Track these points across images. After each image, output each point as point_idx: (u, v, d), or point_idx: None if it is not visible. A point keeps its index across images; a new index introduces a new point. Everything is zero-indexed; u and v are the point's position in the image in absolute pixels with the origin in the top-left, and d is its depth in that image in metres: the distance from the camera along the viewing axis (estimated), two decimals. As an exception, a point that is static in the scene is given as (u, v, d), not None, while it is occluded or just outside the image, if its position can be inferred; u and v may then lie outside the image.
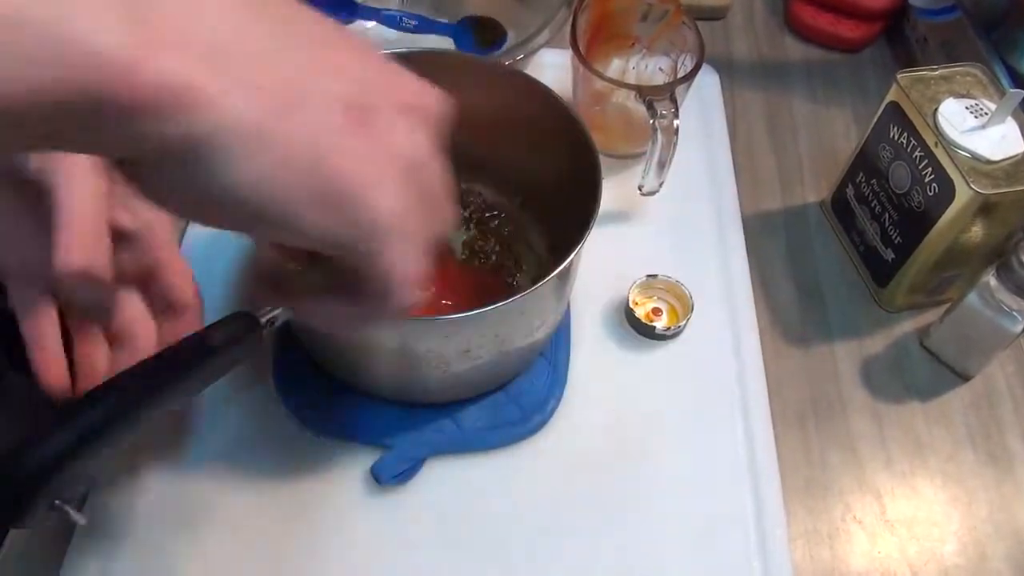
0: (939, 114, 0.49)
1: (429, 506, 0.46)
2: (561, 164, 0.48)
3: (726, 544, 0.46)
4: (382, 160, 0.26)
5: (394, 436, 0.46)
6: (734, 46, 0.71)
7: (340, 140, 0.25)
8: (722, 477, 0.48)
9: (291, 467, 0.46)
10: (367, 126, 0.25)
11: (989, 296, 0.49)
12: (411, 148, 0.27)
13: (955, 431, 0.52)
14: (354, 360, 0.47)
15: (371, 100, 0.26)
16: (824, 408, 0.53)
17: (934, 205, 0.50)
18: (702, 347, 0.53)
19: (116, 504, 0.45)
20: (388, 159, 0.26)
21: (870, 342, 0.56)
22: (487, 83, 0.49)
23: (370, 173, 0.25)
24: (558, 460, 0.48)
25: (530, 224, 0.55)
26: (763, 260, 0.58)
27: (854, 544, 0.48)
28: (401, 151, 0.26)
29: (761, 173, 0.63)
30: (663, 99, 0.52)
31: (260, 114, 0.23)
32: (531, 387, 0.49)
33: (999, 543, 0.48)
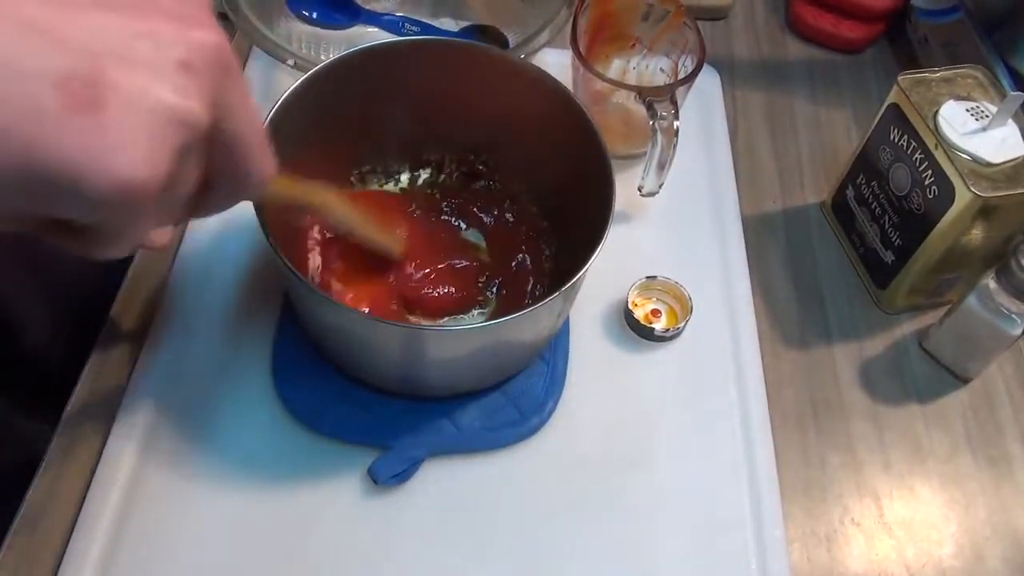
0: (940, 116, 0.49)
1: (426, 507, 0.46)
2: (572, 164, 0.49)
3: (724, 546, 0.46)
4: (114, 132, 0.23)
5: (391, 436, 0.46)
6: (735, 46, 0.71)
7: (46, 122, 0.23)
8: (720, 479, 0.48)
9: (288, 467, 0.46)
10: (92, 104, 0.23)
11: (989, 299, 0.49)
12: (169, 108, 0.24)
13: (954, 434, 0.52)
14: (353, 349, 0.47)
15: (99, 65, 0.23)
16: (823, 410, 0.52)
17: (934, 207, 0.50)
18: (701, 348, 0.53)
19: (112, 507, 0.45)
20: (123, 128, 0.24)
21: (869, 344, 0.55)
22: (504, 76, 0.50)
23: (90, 151, 0.23)
24: (556, 461, 0.48)
25: (540, 218, 0.55)
26: (763, 261, 0.58)
27: (852, 546, 0.48)
28: (155, 110, 0.24)
29: (761, 174, 0.63)
30: (663, 100, 0.52)
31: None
32: (529, 388, 0.49)
33: (997, 545, 0.48)
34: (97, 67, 0.23)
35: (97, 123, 0.23)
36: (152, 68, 0.24)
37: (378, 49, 0.49)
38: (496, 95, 0.51)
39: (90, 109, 0.23)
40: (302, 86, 0.46)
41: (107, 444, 0.46)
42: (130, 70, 0.24)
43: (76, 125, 0.23)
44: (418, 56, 0.50)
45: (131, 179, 0.24)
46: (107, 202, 0.24)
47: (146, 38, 0.25)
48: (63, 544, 0.44)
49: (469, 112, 0.52)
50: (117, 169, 0.24)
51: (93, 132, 0.23)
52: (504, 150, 0.54)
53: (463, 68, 0.50)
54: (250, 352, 0.50)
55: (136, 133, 0.24)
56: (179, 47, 0.25)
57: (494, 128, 0.53)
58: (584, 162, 0.47)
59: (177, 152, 0.25)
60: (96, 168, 0.23)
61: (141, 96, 0.24)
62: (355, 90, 0.49)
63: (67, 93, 0.23)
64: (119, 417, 0.47)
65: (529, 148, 0.52)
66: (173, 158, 0.25)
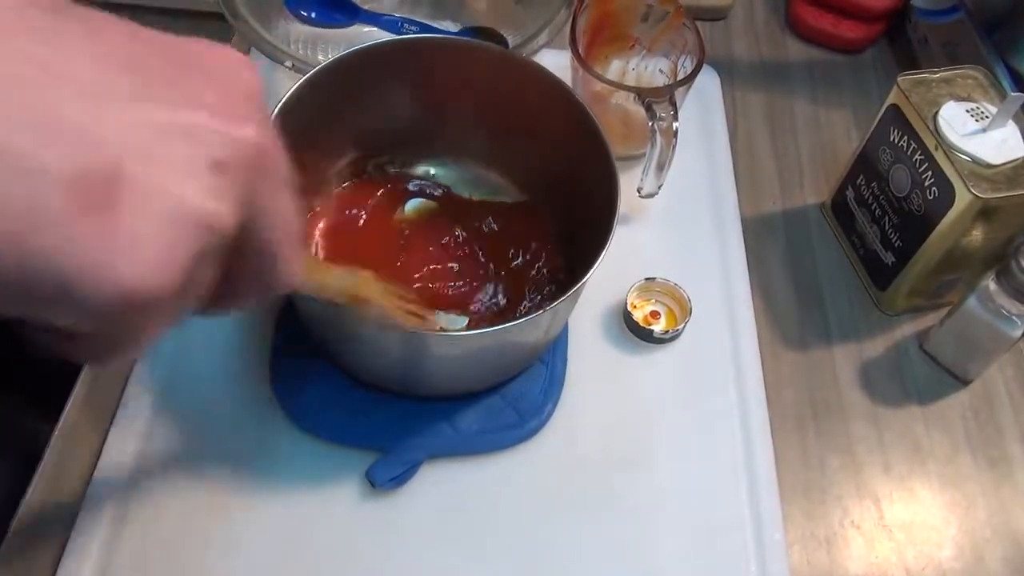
0: (939, 117, 0.49)
1: (425, 510, 0.46)
2: (575, 164, 0.49)
3: (723, 548, 0.46)
4: (123, 235, 0.21)
5: (390, 439, 0.46)
6: (735, 47, 0.71)
7: (47, 223, 0.20)
8: (720, 481, 0.48)
9: (286, 470, 0.46)
10: (103, 205, 0.21)
11: (989, 300, 0.49)
12: (191, 212, 0.22)
13: (954, 435, 0.52)
14: (353, 348, 0.47)
15: (120, 162, 0.21)
16: (823, 411, 0.52)
17: (934, 209, 0.50)
18: (700, 350, 0.53)
19: (111, 507, 0.45)
20: (135, 231, 0.21)
21: (869, 345, 0.55)
22: (508, 74, 0.50)
23: (92, 255, 0.21)
24: (555, 463, 0.48)
25: (545, 217, 0.55)
26: (762, 263, 0.58)
27: (852, 549, 0.48)
28: (174, 212, 0.22)
29: (761, 175, 0.63)
30: (662, 101, 0.52)
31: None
32: (528, 391, 0.49)
33: (997, 547, 0.48)
34: (118, 164, 0.21)
35: (106, 225, 0.21)
36: (181, 166, 0.22)
37: (376, 48, 0.48)
38: (498, 93, 0.51)
39: (101, 210, 0.21)
40: (302, 88, 0.46)
41: (105, 446, 0.46)
42: (155, 168, 0.22)
43: (81, 227, 0.21)
44: (417, 54, 0.50)
45: (136, 287, 0.22)
46: (108, 311, 0.22)
47: (182, 134, 0.23)
48: (61, 546, 0.44)
49: (471, 111, 0.52)
50: (121, 275, 0.21)
51: (99, 235, 0.21)
52: (506, 146, 0.54)
53: (464, 66, 0.50)
54: (248, 355, 0.50)
55: (150, 236, 0.22)
56: (216, 145, 0.23)
57: (497, 126, 0.53)
58: (587, 163, 0.47)
59: (194, 257, 0.23)
60: (97, 274, 0.21)
61: (161, 196, 0.22)
62: (355, 90, 0.49)
63: (79, 193, 0.21)
64: (117, 419, 0.47)
65: (531, 146, 0.52)
66: (190, 263, 0.23)
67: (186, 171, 0.22)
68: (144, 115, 0.22)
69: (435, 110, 0.53)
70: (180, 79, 0.23)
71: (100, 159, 0.21)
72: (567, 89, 0.48)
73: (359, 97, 0.50)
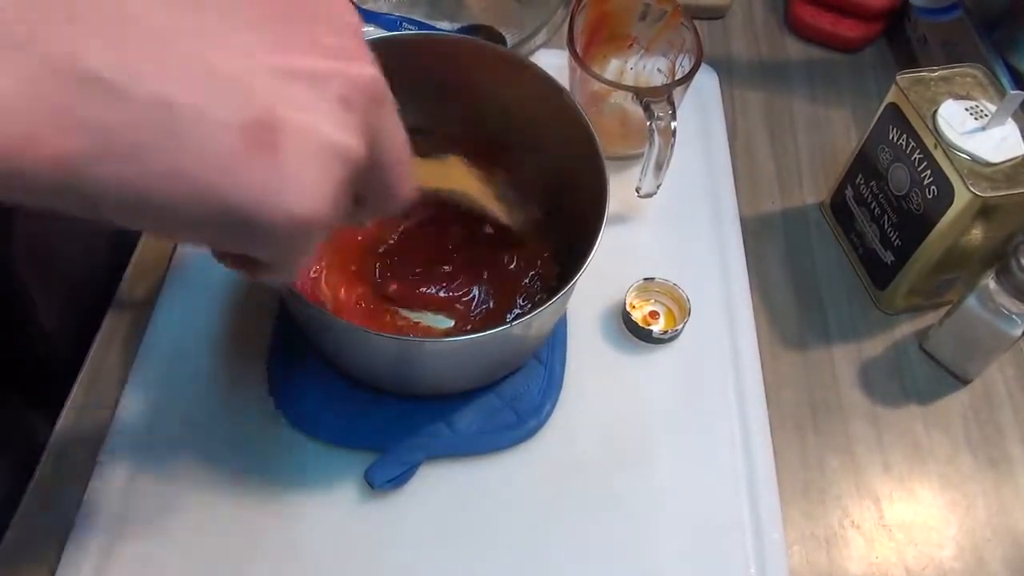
0: (939, 116, 0.49)
1: (423, 510, 0.46)
2: (568, 162, 0.48)
3: (723, 549, 0.46)
4: (288, 172, 0.25)
5: (388, 440, 0.46)
6: (733, 46, 0.71)
7: (230, 166, 0.24)
8: (719, 482, 0.48)
9: (284, 472, 0.46)
10: (269, 147, 0.25)
11: (988, 299, 0.49)
12: (334, 146, 0.26)
13: (954, 435, 0.52)
14: (347, 350, 0.47)
15: (274, 108, 0.25)
16: (822, 411, 0.52)
17: (933, 207, 0.49)
18: (699, 350, 0.53)
19: (109, 509, 0.45)
20: (296, 167, 0.25)
21: (869, 345, 0.55)
22: (505, 73, 0.50)
23: (267, 191, 0.25)
24: (554, 464, 0.48)
25: (539, 215, 0.55)
26: (761, 262, 0.58)
27: (852, 549, 0.47)
28: (322, 148, 0.26)
29: (760, 174, 0.63)
30: (660, 101, 0.52)
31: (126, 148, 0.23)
32: (526, 391, 0.49)
33: (997, 548, 0.48)
34: (273, 110, 0.25)
35: (274, 164, 0.24)
36: (316, 107, 0.26)
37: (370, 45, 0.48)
38: (492, 91, 0.50)
39: (268, 151, 0.24)
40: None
41: (103, 447, 0.46)
42: (298, 110, 0.25)
43: (256, 167, 0.24)
44: (416, 51, 0.50)
45: (303, 215, 0.25)
46: (281, 237, 0.26)
47: (313, 78, 0.26)
48: (60, 547, 0.43)
49: (466, 108, 0.52)
50: (291, 206, 0.25)
51: (270, 173, 0.24)
52: (503, 145, 0.54)
53: (461, 64, 0.50)
54: (246, 356, 0.50)
55: (307, 171, 0.25)
56: (338, 84, 0.26)
57: (492, 124, 0.53)
58: (579, 161, 0.47)
59: (341, 184, 0.26)
60: (272, 207, 0.25)
61: (310, 135, 0.25)
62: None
63: (249, 139, 0.24)
64: (114, 420, 0.47)
65: (527, 144, 0.52)
66: (338, 191, 0.26)
67: (323, 111, 0.26)
68: (280, 64, 0.25)
69: (428, 107, 0.53)
70: (299, 27, 0.27)
71: (260, 107, 0.24)
72: (558, 86, 0.48)
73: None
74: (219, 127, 0.24)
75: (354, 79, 0.27)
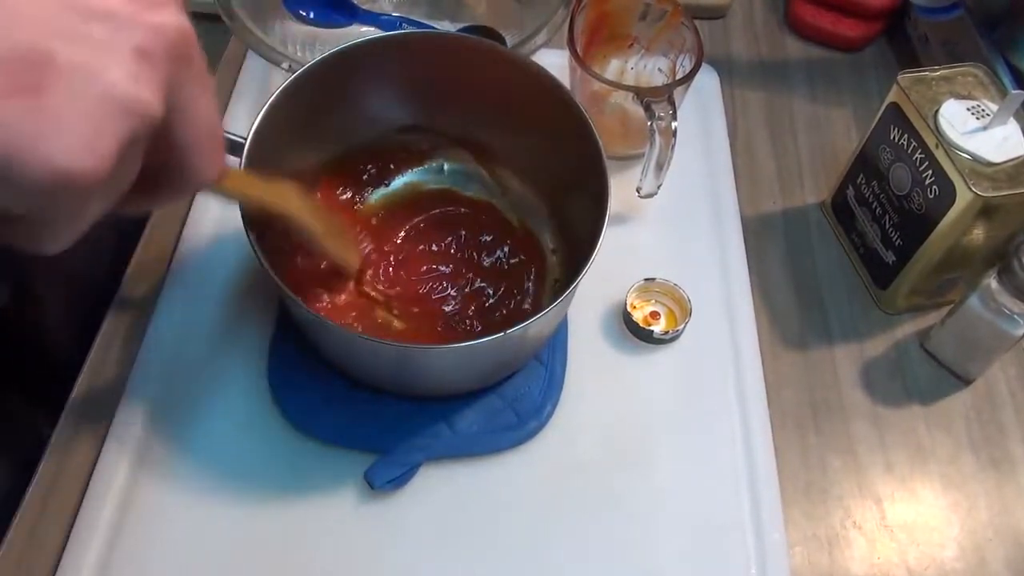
0: (940, 115, 0.49)
1: (424, 511, 0.46)
2: (570, 162, 0.48)
3: (724, 550, 0.46)
4: (53, 118, 0.22)
5: (388, 441, 0.46)
6: (733, 46, 0.71)
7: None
8: (720, 482, 0.48)
9: (284, 472, 0.46)
10: (32, 87, 0.22)
11: (990, 299, 0.49)
12: (120, 97, 0.23)
13: (956, 435, 0.52)
14: (347, 353, 0.47)
15: (47, 46, 0.22)
16: (823, 412, 0.52)
17: (935, 207, 0.49)
18: (700, 351, 0.53)
19: (109, 509, 0.45)
20: (65, 114, 0.22)
21: (870, 345, 0.55)
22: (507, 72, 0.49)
23: (25, 136, 0.22)
24: (555, 465, 0.48)
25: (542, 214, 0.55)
26: (762, 262, 0.58)
27: (854, 550, 0.47)
28: (104, 97, 0.23)
29: (761, 174, 0.63)
30: (661, 101, 0.51)
31: None
32: (527, 392, 0.49)
33: (999, 548, 0.48)
34: (45, 48, 0.22)
35: (37, 107, 0.22)
36: (106, 52, 0.23)
37: (367, 44, 0.48)
38: (492, 89, 0.50)
39: (30, 93, 0.22)
40: (293, 84, 0.46)
41: (103, 448, 0.46)
42: (81, 53, 0.23)
43: (12, 109, 0.22)
44: (415, 49, 0.50)
45: (69, 168, 0.22)
46: (41, 191, 0.23)
47: (103, 20, 0.23)
48: (59, 550, 0.43)
49: (467, 107, 0.52)
50: (54, 157, 0.22)
51: (30, 117, 0.22)
52: (503, 145, 0.54)
53: (463, 63, 0.50)
54: (246, 357, 0.50)
55: (79, 120, 0.22)
56: (138, 31, 0.24)
57: (492, 124, 0.53)
58: (580, 161, 0.47)
59: (124, 142, 0.24)
60: (31, 154, 0.22)
61: (89, 81, 0.23)
62: (348, 87, 0.49)
63: (12, 76, 0.21)
64: (115, 421, 0.47)
65: (529, 144, 0.52)
66: (119, 148, 0.23)
67: (112, 56, 0.23)
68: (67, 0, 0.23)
69: (428, 107, 0.53)
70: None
71: (28, 41, 0.22)
72: (560, 85, 0.48)
73: (353, 92, 0.50)
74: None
75: (156, 27, 0.24)
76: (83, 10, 0.23)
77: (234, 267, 0.53)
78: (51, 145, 0.22)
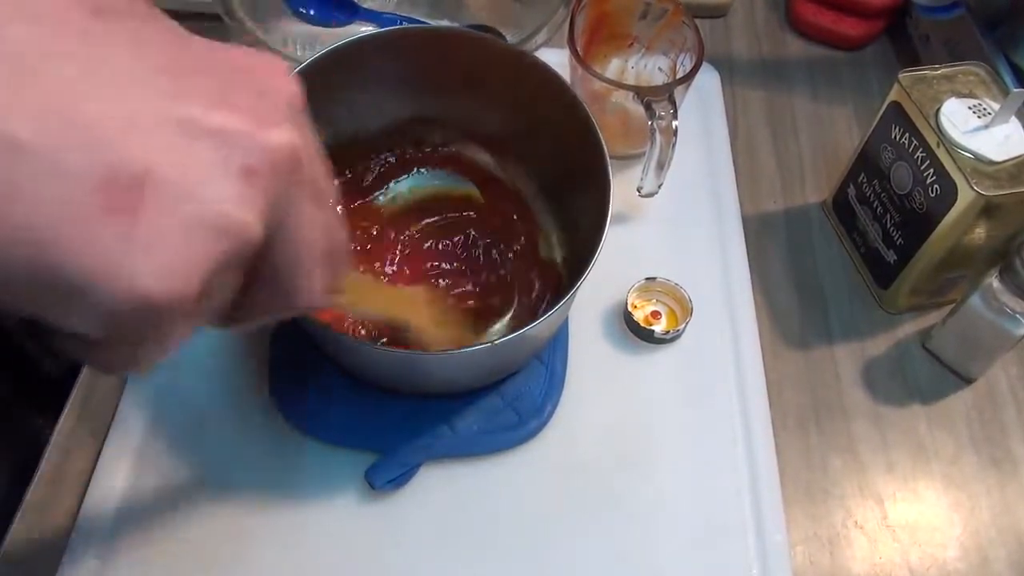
0: (941, 114, 0.49)
1: (424, 511, 0.46)
2: (572, 162, 0.48)
3: (725, 550, 0.46)
4: (144, 238, 0.21)
5: (389, 441, 0.46)
6: (734, 44, 0.71)
7: (71, 224, 0.20)
8: (721, 482, 0.48)
9: (284, 472, 0.46)
10: (127, 208, 0.20)
11: (992, 298, 0.49)
12: (217, 219, 0.22)
13: (958, 434, 0.52)
14: (348, 355, 0.47)
15: (148, 164, 0.21)
16: (825, 411, 0.52)
17: (936, 206, 0.49)
18: (701, 350, 0.52)
19: (109, 510, 0.44)
20: (156, 235, 0.21)
21: (871, 344, 0.55)
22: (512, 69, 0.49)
23: (110, 258, 0.20)
24: (555, 465, 0.48)
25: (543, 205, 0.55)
26: (763, 262, 0.58)
27: (855, 549, 0.47)
28: (200, 219, 0.21)
29: (762, 173, 0.63)
30: (661, 100, 0.51)
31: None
32: (528, 392, 0.48)
33: (1001, 548, 0.48)
34: (148, 170, 0.21)
35: (126, 227, 0.20)
36: (209, 170, 0.22)
37: (369, 40, 0.48)
38: (497, 86, 0.50)
39: (123, 212, 0.20)
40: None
41: (104, 448, 0.46)
42: (183, 172, 0.21)
43: (102, 229, 0.20)
44: (426, 45, 0.49)
45: (151, 292, 0.21)
46: (120, 315, 0.21)
47: (212, 136, 0.22)
48: (60, 550, 0.43)
49: (474, 104, 0.52)
50: (137, 279, 0.21)
51: (118, 237, 0.20)
52: (507, 143, 0.54)
53: (469, 58, 0.50)
54: (246, 356, 0.50)
55: (170, 241, 0.21)
56: (246, 150, 0.22)
57: (497, 120, 0.53)
58: (582, 160, 0.47)
59: (216, 266, 0.22)
60: (112, 276, 0.20)
61: (185, 200, 0.21)
62: (349, 84, 0.49)
63: (109, 195, 0.20)
64: (116, 421, 0.47)
65: (534, 141, 0.52)
66: (210, 271, 0.22)
67: (214, 176, 0.22)
68: (175, 114, 0.21)
69: (439, 100, 0.53)
70: (217, 83, 0.23)
71: (129, 160, 0.20)
72: (564, 83, 0.48)
73: (353, 88, 0.50)
74: (70, 177, 0.20)
75: (267, 147, 0.23)
76: (193, 128, 0.22)
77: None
78: (136, 268, 0.21)
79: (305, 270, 0.26)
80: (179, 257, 0.21)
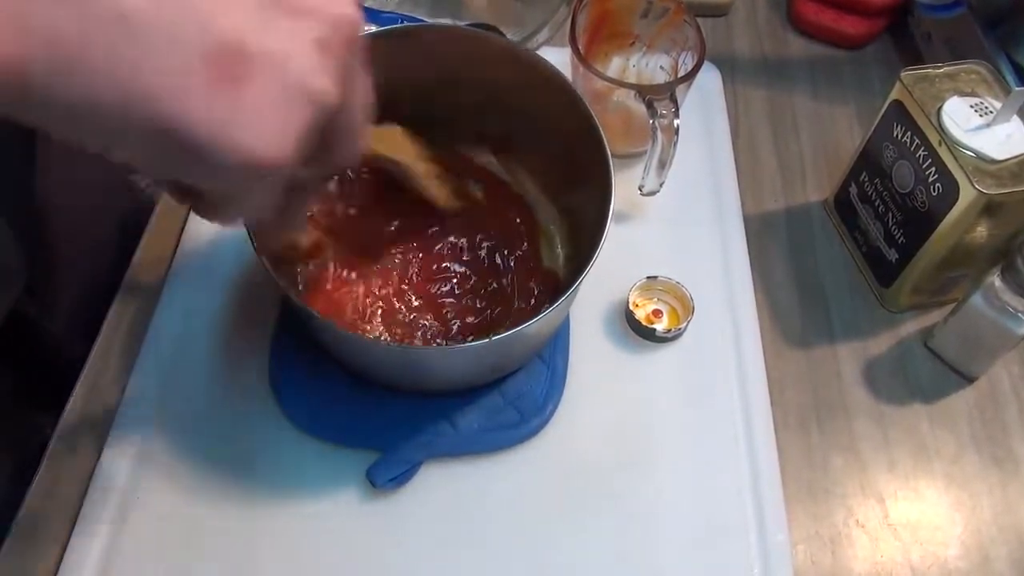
0: (943, 113, 0.49)
1: (425, 510, 0.46)
2: (574, 160, 0.48)
3: (727, 549, 0.46)
4: (250, 108, 0.24)
5: (390, 439, 0.46)
6: (736, 43, 0.70)
7: (188, 92, 0.23)
8: (723, 481, 0.48)
9: (285, 471, 0.46)
10: (234, 79, 0.23)
11: (994, 297, 0.49)
12: (307, 88, 0.25)
13: (959, 433, 0.52)
14: (349, 351, 0.47)
15: (246, 41, 0.24)
16: (826, 410, 0.52)
17: (938, 205, 0.49)
18: (703, 349, 0.52)
19: (110, 508, 0.44)
20: (259, 105, 0.24)
21: (873, 343, 0.55)
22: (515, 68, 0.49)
23: (225, 125, 0.24)
24: (557, 463, 0.48)
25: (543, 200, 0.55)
26: (765, 260, 0.58)
27: (857, 548, 0.47)
28: (294, 89, 0.24)
29: (763, 172, 0.63)
30: (663, 99, 0.51)
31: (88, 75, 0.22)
32: (529, 390, 0.48)
33: (1003, 547, 0.48)
34: (244, 43, 0.23)
35: (236, 98, 0.23)
36: (292, 44, 0.24)
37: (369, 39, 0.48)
38: (496, 85, 0.50)
39: (233, 84, 0.23)
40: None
41: (105, 447, 0.46)
42: (272, 45, 0.24)
43: (216, 98, 0.23)
44: (417, 44, 0.49)
45: (259, 155, 0.24)
46: (232, 174, 0.24)
47: (290, 13, 0.25)
48: (62, 547, 0.43)
49: (470, 104, 0.52)
50: (249, 144, 0.24)
51: (231, 107, 0.23)
52: (508, 141, 0.54)
53: (472, 57, 0.50)
54: (247, 355, 0.50)
55: (271, 111, 0.24)
56: (318, 24, 0.25)
57: (498, 119, 0.53)
58: (584, 158, 0.47)
59: (307, 131, 0.25)
60: (227, 141, 0.24)
61: (280, 72, 0.24)
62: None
63: (215, 67, 0.23)
64: (115, 421, 0.47)
65: (537, 140, 0.52)
66: (303, 135, 0.25)
67: (299, 49, 0.24)
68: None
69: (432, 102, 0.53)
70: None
71: (230, 35, 0.23)
72: (566, 82, 0.48)
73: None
74: (181, 49, 0.23)
75: (335, 19, 0.26)
76: (271, 5, 0.24)
77: (236, 265, 0.53)
78: (246, 133, 0.24)
79: (358, 133, 0.29)
80: (279, 123, 0.24)
